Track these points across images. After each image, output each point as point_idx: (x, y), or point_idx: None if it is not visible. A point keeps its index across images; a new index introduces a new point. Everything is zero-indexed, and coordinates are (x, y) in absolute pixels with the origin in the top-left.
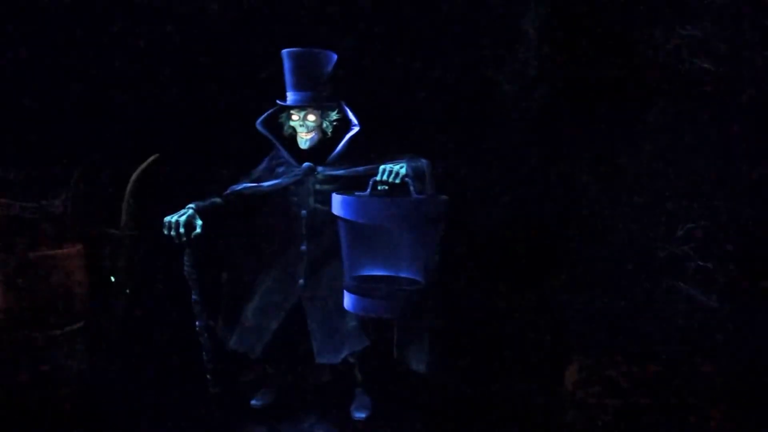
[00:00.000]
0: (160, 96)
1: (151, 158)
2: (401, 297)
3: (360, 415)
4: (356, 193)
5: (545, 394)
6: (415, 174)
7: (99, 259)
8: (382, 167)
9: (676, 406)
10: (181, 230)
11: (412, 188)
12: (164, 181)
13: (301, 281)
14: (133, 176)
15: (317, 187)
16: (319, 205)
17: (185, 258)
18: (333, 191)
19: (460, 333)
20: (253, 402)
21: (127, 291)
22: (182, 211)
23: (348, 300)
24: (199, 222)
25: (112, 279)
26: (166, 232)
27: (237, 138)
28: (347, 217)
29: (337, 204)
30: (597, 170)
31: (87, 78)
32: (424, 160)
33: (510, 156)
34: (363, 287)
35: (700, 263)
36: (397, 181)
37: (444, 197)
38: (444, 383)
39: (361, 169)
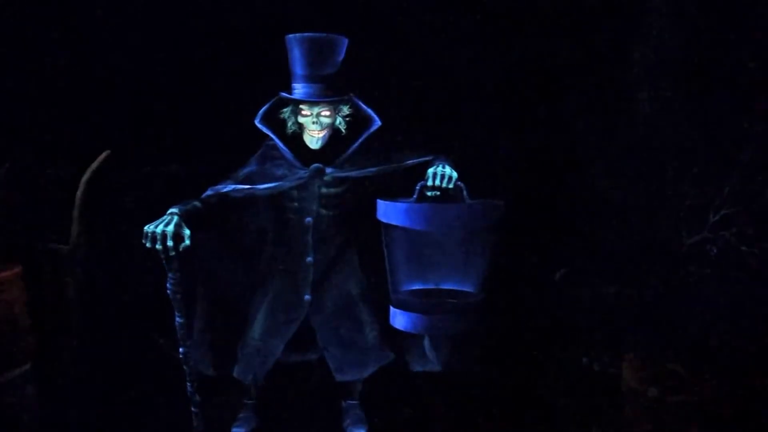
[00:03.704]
0: (106, 80)
1: (102, 156)
2: (467, 311)
3: (359, 431)
4: (401, 200)
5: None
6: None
7: (41, 282)
8: (431, 171)
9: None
10: (170, 243)
11: (465, 193)
12: (117, 182)
13: (307, 297)
14: (84, 178)
15: (323, 190)
16: (324, 211)
17: (170, 275)
18: (339, 194)
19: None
20: (234, 430)
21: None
22: (166, 218)
23: (403, 319)
24: (187, 232)
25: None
26: (149, 245)
27: (199, 130)
28: (413, 227)
29: (397, 212)
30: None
31: (17, 58)
32: (444, 159)
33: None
34: (419, 303)
35: (744, 248)
36: (450, 186)
37: (502, 202)
38: (463, 381)
39: (374, 169)
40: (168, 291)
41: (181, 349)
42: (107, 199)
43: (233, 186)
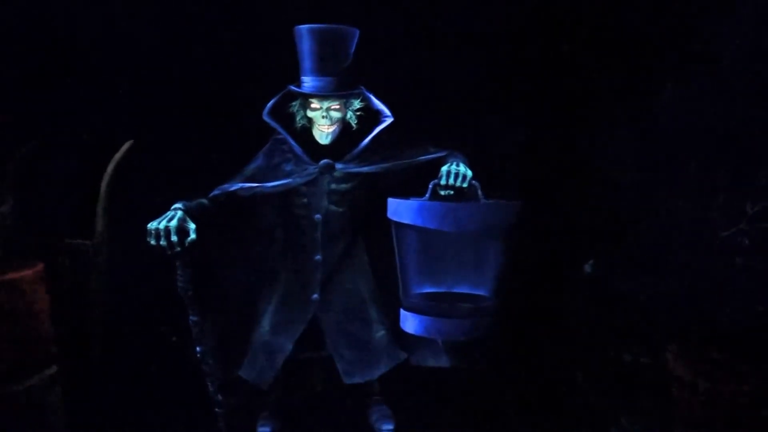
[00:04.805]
0: (124, 74)
1: (125, 146)
2: (482, 315)
3: (388, 426)
4: (412, 199)
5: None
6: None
7: (62, 280)
8: (445, 169)
9: None
10: (174, 238)
11: (480, 192)
12: (143, 174)
13: (315, 295)
14: (109, 169)
15: (333, 186)
16: (333, 207)
17: (179, 271)
18: (349, 191)
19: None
20: (260, 429)
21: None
22: (169, 214)
23: (414, 323)
24: (192, 226)
25: None
26: (153, 242)
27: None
28: (425, 226)
29: (409, 211)
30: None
31: (29, 37)
32: (459, 155)
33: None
34: (431, 306)
35: None
36: (465, 185)
37: (518, 202)
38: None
39: (385, 165)
40: (179, 289)
41: (198, 349)
42: (131, 192)
43: (240, 184)
